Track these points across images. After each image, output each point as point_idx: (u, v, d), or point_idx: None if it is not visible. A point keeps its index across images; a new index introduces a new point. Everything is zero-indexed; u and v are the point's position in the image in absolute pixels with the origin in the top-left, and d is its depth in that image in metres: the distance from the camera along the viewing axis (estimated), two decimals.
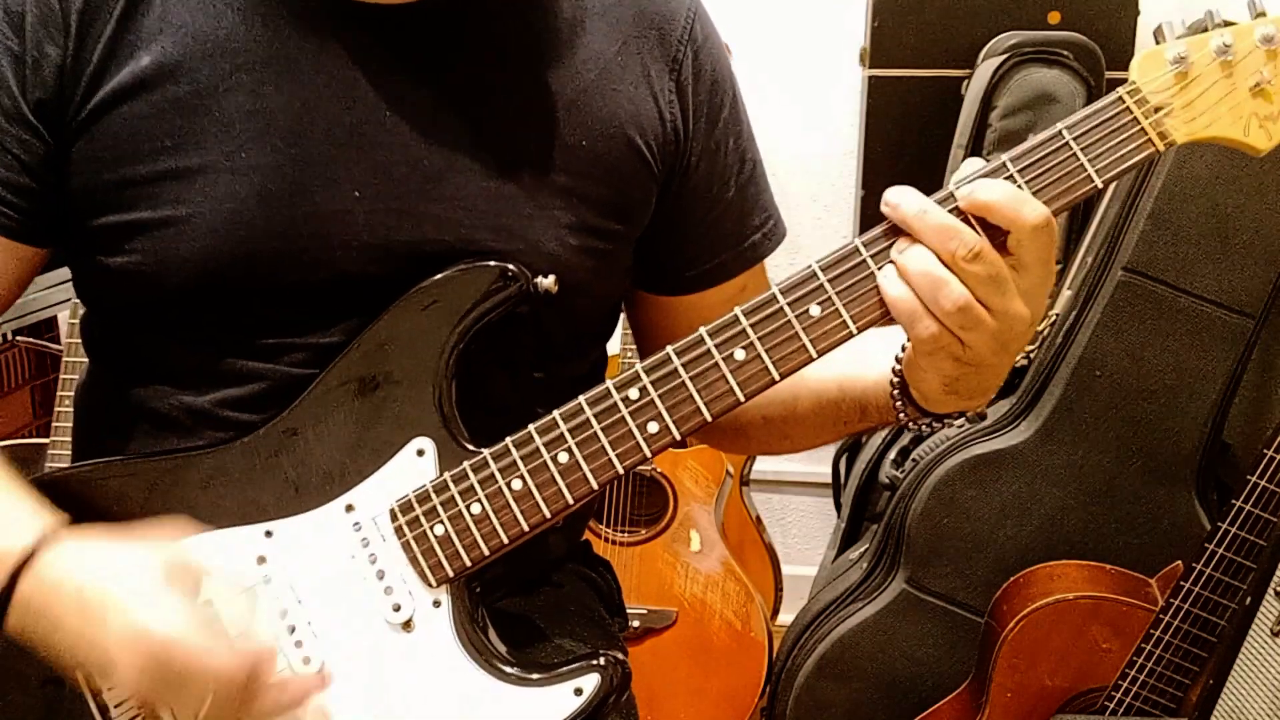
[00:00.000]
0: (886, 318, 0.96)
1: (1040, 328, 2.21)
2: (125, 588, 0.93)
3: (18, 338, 2.69)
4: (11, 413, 2.70)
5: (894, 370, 1.02)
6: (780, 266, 1.12)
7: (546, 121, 1.09)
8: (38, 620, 0.95)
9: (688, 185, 1.17)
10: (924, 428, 1.04)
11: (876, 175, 2.84)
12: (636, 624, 2.56)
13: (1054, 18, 2.64)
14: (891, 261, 0.93)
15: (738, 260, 1.21)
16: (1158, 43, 0.94)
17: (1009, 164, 0.92)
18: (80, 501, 1.04)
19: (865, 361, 1.06)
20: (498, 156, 1.07)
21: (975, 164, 0.94)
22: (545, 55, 1.10)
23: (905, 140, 2.78)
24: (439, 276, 1.04)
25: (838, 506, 2.89)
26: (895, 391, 1.02)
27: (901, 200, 0.92)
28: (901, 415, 1.03)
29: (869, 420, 1.09)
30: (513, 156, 1.08)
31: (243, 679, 0.92)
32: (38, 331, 2.74)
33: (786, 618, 2.63)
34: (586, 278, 1.11)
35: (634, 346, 2.46)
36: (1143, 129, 0.93)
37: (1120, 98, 0.93)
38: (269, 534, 1.04)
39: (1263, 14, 0.93)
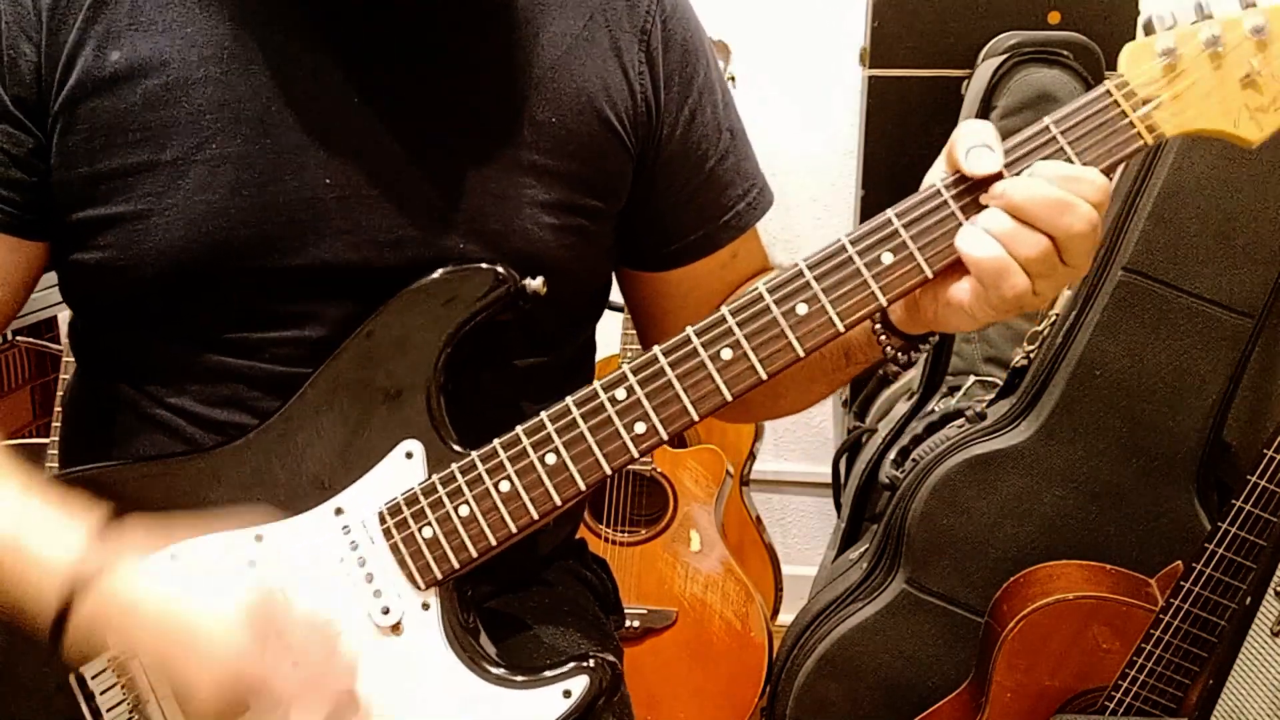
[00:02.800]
0: (874, 314, 0.96)
1: (1040, 328, 2.21)
2: (205, 623, 0.95)
3: (18, 338, 2.69)
4: (11, 413, 2.70)
5: None
6: (779, 263, 1.12)
7: (515, 100, 1.09)
8: (109, 632, 0.96)
9: (664, 156, 1.16)
10: (900, 355, 1.03)
11: (876, 175, 2.83)
12: (636, 624, 2.55)
13: (1054, 18, 2.64)
14: (965, 224, 0.93)
15: (723, 231, 1.20)
16: (1146, 35, 0.93)
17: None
18: (71, 505, 1.04)
19: None
20: (467, 138, 1.07)
21: (975, 126, 0.93)
22: (510, 35, 1.10)
23: (905, 140, 2.77)
24: (428, 279, 1.04)
25: (838, 506, 2.88)
26: (878, 326, 1.02)
27: (1008, 187, 0.92)
28: (888, 350, 1.03)
29: (854, 363, 1.09)
30: (483, 137, 1.08)
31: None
32: (38, 331, 2.74)
33: (786, 618, 2.63)
34: (564, 255, 1.10)
35: (633, 347, 2.47)
36: (1131, 122, 0.92)
37: (1108, 91, 0.92)
38: (259, 538, 1.04)
39: (1252, 4, 0.92)
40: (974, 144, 0.92)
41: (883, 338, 1.03)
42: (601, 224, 1.15)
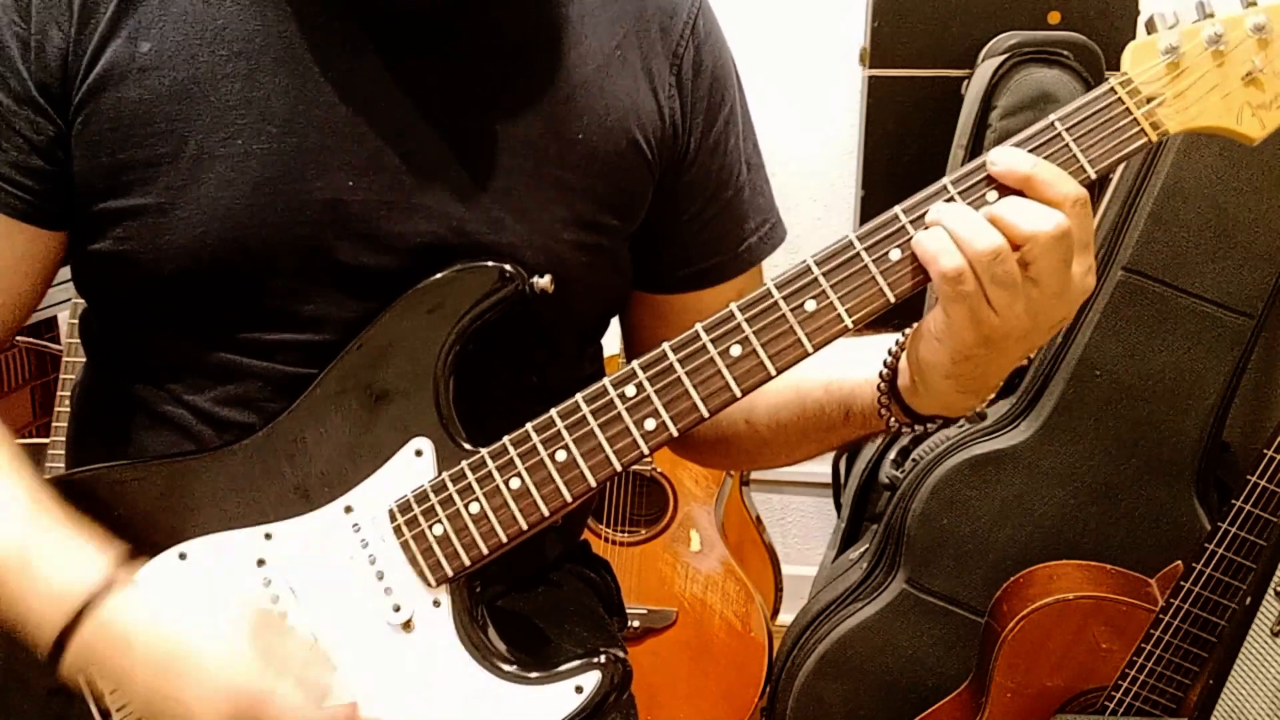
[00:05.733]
0: (881, 311, 0.96)
1: None
2: (206, 645, 0.95)
3: (18, 338, 2.69)
4: (11, 413, 2.70)
5: (885, 363, 1.01)
6: (779, 266, 1.11)
7: (542, 115, 1.09)
8: (102, 667, 0.97)
9: (683, 181, 1.16)
10: (904, 430, 1.02)
11: (876, 175, 2.83)
12: (636, 624, 2.55)
13: (1054, 18, 2.64)
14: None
15: (733, 263, 1.20)
16: (1149, 33, 0.94)
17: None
18: (79, 506, 1.04)
19: (853, 366, 1.05)
20: (493, 149, 1.07)
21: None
22: (543, 49, 1.10)
23: (905, 140, 2.77)
24: (437, 277, 1.04)
25: (838, 506, 2.89)
26: (883, 385, 1.01)
27: (1012, 161, 0.91)
28: (884, 412, 1.02)
29: (852, 425, 1.07)
30: (508, 150, 1.07)
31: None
32: (38, 331, 2.74)
33: (786, 618, 2.63)
34: (581, 272, 1.10)
35: None
36: (1135, 119, 0.92)
37: (1112, 88, 0.93)
38: (269, 536, 1.04)
39: (1253, 3, 0.93)
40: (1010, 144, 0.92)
41: (884, 399, 1.02)
42: (618, 242, 1.15)
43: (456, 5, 1.07)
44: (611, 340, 1.27)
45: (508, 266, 1.04)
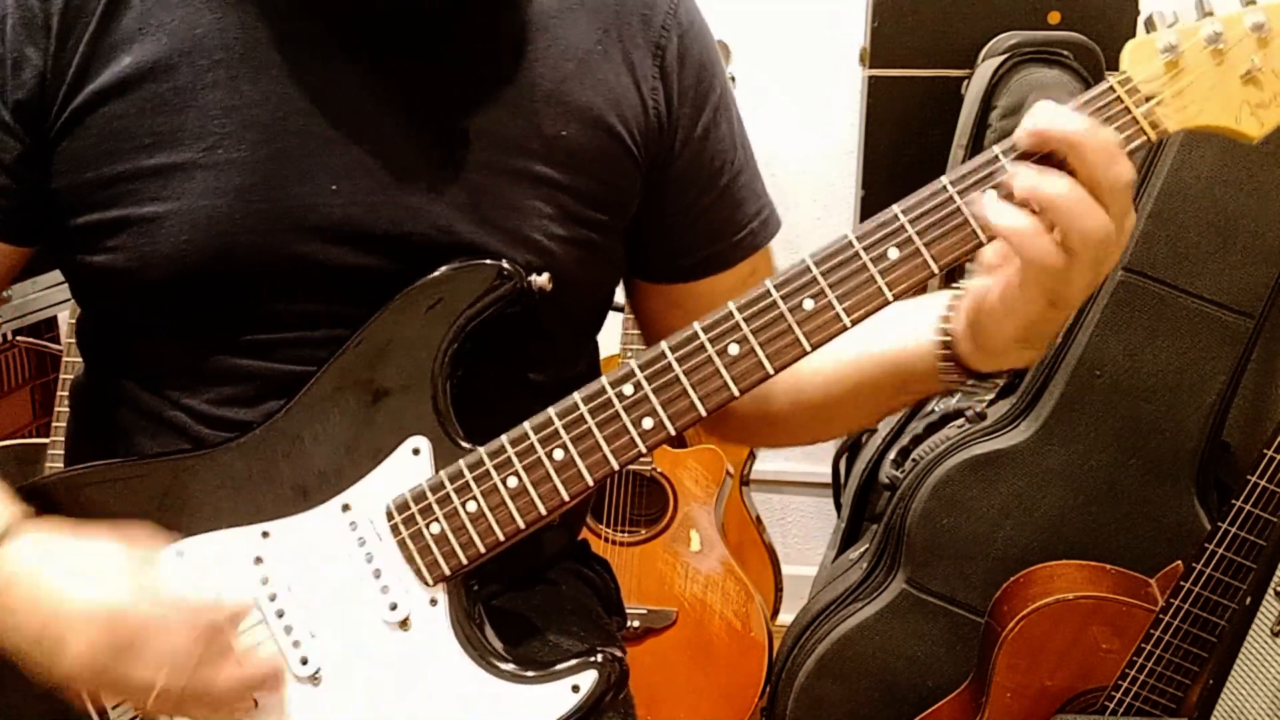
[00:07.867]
0: (880, 310, 0.96)
1: None
2: (85, 571, 0.96)
3: (18, 338, 2.69)
4: (11, 413, 2.69)
5: (941, 330, 1.01)
6: (779, 266, 1.12)
7: (525, 113, 1.09)
8: None
9: (673, 171, 1.16)
10: (959, 390, 1.03)
11: (876, 175, 2.84)
12: (636, 624, 2.55)
13: (1054, 18, 2.64)
14: (999, 188, 0.91)
15: (735, 249, 1.20)
16: (1148, 32, 0.94)
17: (1000, 155, 0.92)
18: (77, 504, 1.05)
19: (902, 333, 1.05)
20: (477, 149, 1.07)
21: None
22: (523, 48, 1.10)
23: (905, 140, 2.77)
24: (434, 275, 1.04)
25: (838, 506, 2.89)
26: (943, 356, 1.01)
27: (1056, 119, 0.90)
28: (945, 377, 1.02)
29: (908, 394, 1.09)
30: (491, 149, 1.07)
31: (195, 643, 0.95)
32: (38, 331, 2.73)
33: (786, 618, 2.63)
34: (572, 268, 1.10)
35: (634, 347, 2.47)
36: (1134, 118, 0.92)
37: (1111, 87, 0.93)
38: (266, 534, 1.04)
39: (1252, 2, 0.93)
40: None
41: (946, 364, 1.01)
42: (608, 237, 1.15)
43: (436, 8, 1.07)
44: (610, 341, 1.27)
45: (506, 264, 1.04)
